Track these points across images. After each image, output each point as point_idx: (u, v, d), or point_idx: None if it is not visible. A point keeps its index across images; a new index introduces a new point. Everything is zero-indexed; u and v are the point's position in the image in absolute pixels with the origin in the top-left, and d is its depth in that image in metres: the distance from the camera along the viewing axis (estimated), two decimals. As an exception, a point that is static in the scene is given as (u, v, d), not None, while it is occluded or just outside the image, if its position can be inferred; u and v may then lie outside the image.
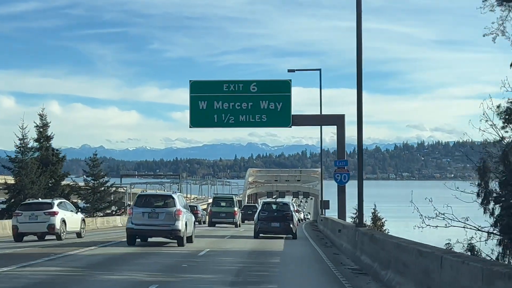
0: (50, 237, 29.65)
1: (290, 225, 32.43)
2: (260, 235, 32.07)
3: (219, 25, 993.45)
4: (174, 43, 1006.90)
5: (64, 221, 29.65)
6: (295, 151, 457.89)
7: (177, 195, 25.67)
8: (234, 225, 48.46)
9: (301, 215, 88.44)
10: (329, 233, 32.71)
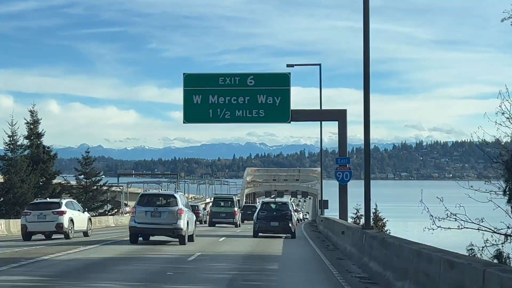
0: (57, 236, 29.76)
1: (289, 225, 32.80)
2: (259, 234, 32.49)
3: (218, 25, 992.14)
4: (173, 43, 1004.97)
5: (72, 220, 30.13)
6: (294, 151, 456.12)
7: (179, 195, 26.33)
8: (234, 225, 48.38)
9: (300, 215, 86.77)
10: (331, 235, 30.91)
